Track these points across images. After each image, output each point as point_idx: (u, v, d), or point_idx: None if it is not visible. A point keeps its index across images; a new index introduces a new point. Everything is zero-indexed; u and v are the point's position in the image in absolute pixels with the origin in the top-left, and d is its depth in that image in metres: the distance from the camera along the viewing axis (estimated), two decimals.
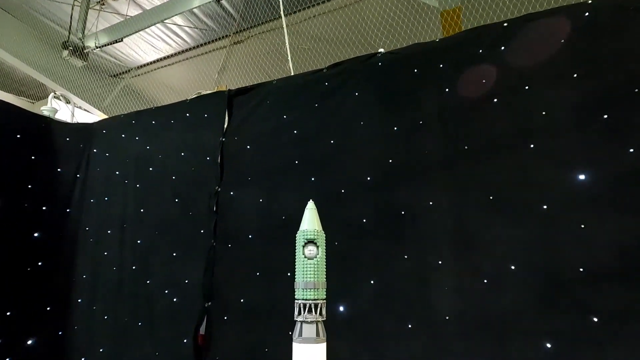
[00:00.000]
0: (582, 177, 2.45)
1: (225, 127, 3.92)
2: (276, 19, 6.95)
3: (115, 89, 9.42)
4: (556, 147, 2.55)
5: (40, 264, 4.11)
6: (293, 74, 4.23)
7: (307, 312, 1.85)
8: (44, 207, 4.26)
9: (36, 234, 4.15)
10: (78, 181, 4.48)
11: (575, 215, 2.42)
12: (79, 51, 7.48)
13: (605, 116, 2.45)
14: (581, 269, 2.34)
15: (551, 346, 2.33)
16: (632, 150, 2.35)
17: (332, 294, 2.18)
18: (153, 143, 4.24)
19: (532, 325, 2.40)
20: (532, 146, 2.63)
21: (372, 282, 2.90)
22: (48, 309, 4.08)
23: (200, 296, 3.49)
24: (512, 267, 2.52)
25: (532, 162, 2.61)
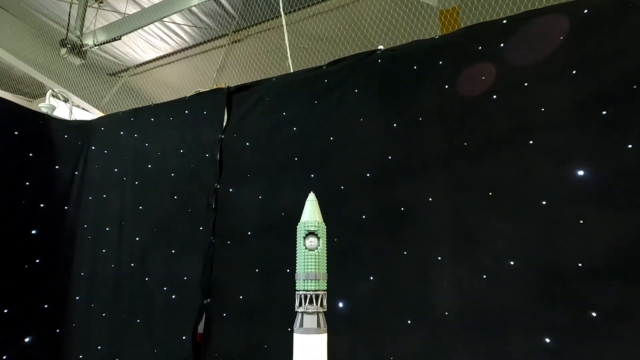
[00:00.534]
0: (581, 173, 2.45)
1: (225, 124, 3.91)
2: (275, 17, 6.95)
3: (113, 87, 9.39)
4: (555, 144, 2.56)
5: (37, 261, 4.09)
6: (292, 71, 4.23)
7: (308, 303, 1.85)
8: (41, 205, 4.24)
9: (34, 231, 4.13)
10: (76, 178, 4.46)
11: (574, 211, 2.43)
12: (77, 49, 7.45)
13: (604, 112, 2.46)
14: (580, 265, 2.35)
15: (550, 341, 2.33)
16: (630, 147, 2.36)
17: (332, 290, 2.18)
18: (152, 140, 4.23)
19: (531, 320, 2.40)
20: (531, 142, 2.63)
21: (371, 278, 2.90)
22: (46, 306, 4.06)
23: (199, 293, 3.48)
24: (512, 263, 2.52)
25: (531, 158, 2.61)
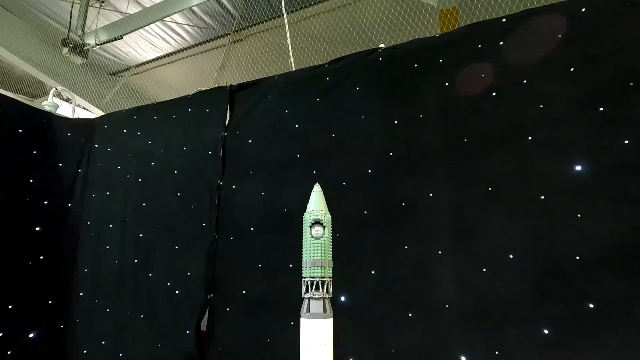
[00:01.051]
0: (579, 168, 2.50)
1: (227, 121, 3.95)
2: (275, 17, 6.99)
3: (114, 87, 9.43)
4: (553, 139, 2.61)
5: (41, 258, 4.13)
6: (294, 70, 4.27)
7: (314, 290, 1.89)
8: (45, 202, 4.28)
9: (38, 228, 4.17)
10: (79, 176, 4.50)
11: (572, 206, 2.48)
12: (79, 48, 7.49)
13: (601, 109, 2.51)
14: (577, 257, 2.39)
15: (549, 332, 2.38)
16: (627, 142, 2.41)
17: (334, 285, 2.21)
18: (155, 138, 4.28)
19: (530, 312, 2.45)
20: (530, 138, 2.68)
21: (373, 272, 2.94)
22: (49, 302, 4.10)
23: (203, 288, 3.52)
24: (511, 256, 2.57)
25: (530, 154, 2.66)
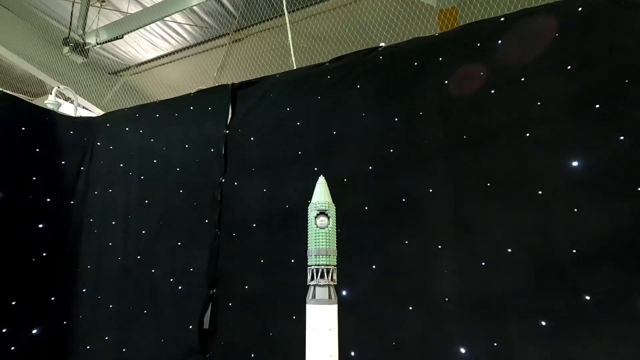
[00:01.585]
0: (575, 163, 2.56)
1: (229, 119, 4.00)
2: (276, 17, 7.04)
3: (114, 86, 9.46)
4: (551, 136, 2.66)
5: (44, 254, 4.16)
6: (296, 68, 4.31)
7: (319, 277, 1.95)
8: (48, 199, 4.31)
9: (40, 225, 4.20)
10: (82, 173, 4.53)
11: (568, 200, 2.53)
12: (80, 47, 7.52)
13: (598, 106, 2.57)
14: (574, 251, 2.45)
15: (546, 324, 2.43)
16: (622, 138, 2.47)
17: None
18: (157, 136, 4.31)
19: (528, 304, 2.50)
20: (527, 135, 2.74)
21: (374, 267, 2.99)
22: (52, 299, 4.13)
23: (205, 283, 3.56)
24: (509, 250, 2.62)
25: (528, 150, 2.72)
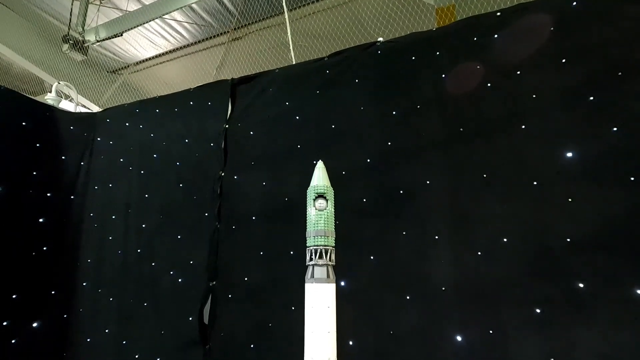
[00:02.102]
0: (570, 154, 2.61)
1: (229, 114, 4.04)
2: (275, 15, 7.09)
3: (113, 84, 9.48)
4: (545, 128, 2.72)
5: (45, 248, 4.19)
6: (295, 63, 4.35)
7: (317, 257, 1.99)
8: (48, 194, 4.35)
9: (41, 220, 4.23)
10: (82, 168, 4.57)
11: (563, 190, 2.58)
12: (79, 45, 7.55)
13: (591, 98, 2.62)
14: (568, 240, 2.50)
15: (540, 311, 2.48)
16: (615, 129, 2.52)
17: (334, 270, 2.29)
18: (157, 131, 4.35)
19: (523, 292, 2.55)
20: (523, 127, 2.79)
21: (372, 257, 3.03)
22: (53, 292, 4.16)
23: (205, 276, 3.60)
24: (505, 240, 2.67)
25: (523, 142, 2.77)
